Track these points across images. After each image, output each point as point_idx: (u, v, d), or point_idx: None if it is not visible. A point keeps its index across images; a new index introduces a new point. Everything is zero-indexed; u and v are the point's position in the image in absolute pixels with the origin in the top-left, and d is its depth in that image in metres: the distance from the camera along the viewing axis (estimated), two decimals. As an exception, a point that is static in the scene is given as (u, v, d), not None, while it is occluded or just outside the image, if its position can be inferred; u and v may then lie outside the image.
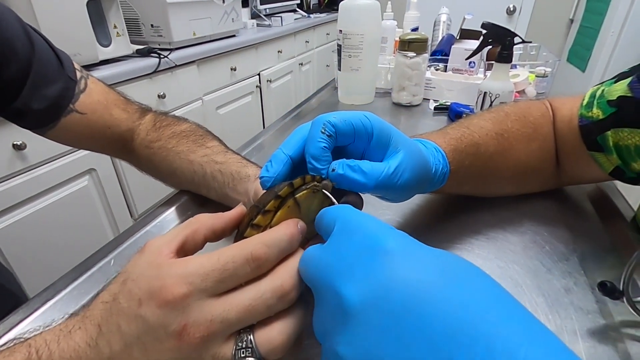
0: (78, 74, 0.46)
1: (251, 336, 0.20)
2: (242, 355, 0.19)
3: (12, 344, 0.21)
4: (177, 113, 1.25)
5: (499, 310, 0.15)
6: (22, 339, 0.21)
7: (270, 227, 0.23)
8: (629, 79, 0.38)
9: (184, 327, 0.19)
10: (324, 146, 0.25)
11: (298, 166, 0.27)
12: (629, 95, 0.37)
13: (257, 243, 0.21)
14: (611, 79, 0.41)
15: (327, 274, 0.19)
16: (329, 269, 0.19)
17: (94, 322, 0.20)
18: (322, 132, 0.25)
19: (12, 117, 0.43)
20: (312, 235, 0.25)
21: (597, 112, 0.39)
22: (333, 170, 0.25)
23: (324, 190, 0.25)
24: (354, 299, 0.17)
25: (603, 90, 0.40)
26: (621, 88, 0.38)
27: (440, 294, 0.15)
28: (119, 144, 0.50)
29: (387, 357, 0.15)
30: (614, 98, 0.38)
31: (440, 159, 0.36)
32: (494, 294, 0.16)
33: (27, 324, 0.32)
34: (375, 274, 0.17)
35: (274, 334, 0.20)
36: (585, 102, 0.41)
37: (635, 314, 0.29)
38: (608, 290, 0.29)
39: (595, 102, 0.40)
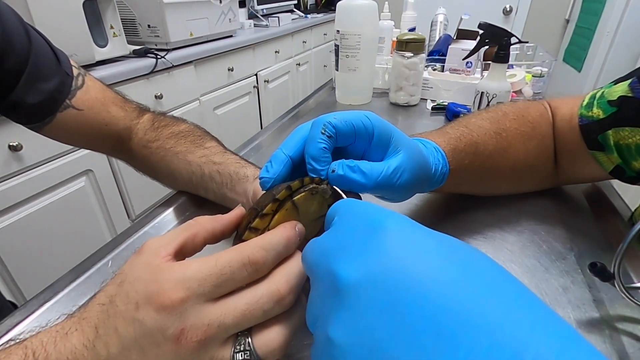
0: (75, 71, 0.46)
1: (249, 339, 0.20)
2: (241, 358, 0.20)
3: (7, 346, 0.21)
4: (175, 113, 1.24)
5: (506, 294, 0.14)
6: (18, 340, 0.21)
7: (269, 230, 0.23)
8: (629, 80, 0.38)
9: (182, 331, 0.19)
10: (324, 147, 0.25)
11: (298, 166, 0.27)
12: (630, 95, 0.37)
13: (255, 247, 0.21)
14: (610, 83, 0.41)
15: (322, 256, 0.18)
16: (325, 251, 0.18)
17: (90, 324, 0.20)
18: (322, 133, 0.25)
19: (7, 111, 0.43)
20: (312, 237, 0.25)
21: (597, 112, 0.40)
22: (333, 171, 0.25)
23: (334, 186, 0.25)
24: (348, 276, 0.16)
25: (603, 92, 0.41)
26: (622, 89, 0.38)
27: (444, 272, 0.14)
28: (116, 142, 0.49)
29: (385, 338, 0.14)
30: (615, 98, 0.38)
31: (440, 158, 0.36)
32: (500, 277, 0.15)
33: (25, 326, 0.32)
34: (372, 250, 0.16)
35: (272, 336, 0.20)
36: (585, 103, 0.42)
37: (625, 296, 0.29)
38: (598, 270, 0.29)
39: (595, 103, 0.40)
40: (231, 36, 1.74)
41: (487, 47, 0.78)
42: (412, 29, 1.11)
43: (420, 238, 0.16)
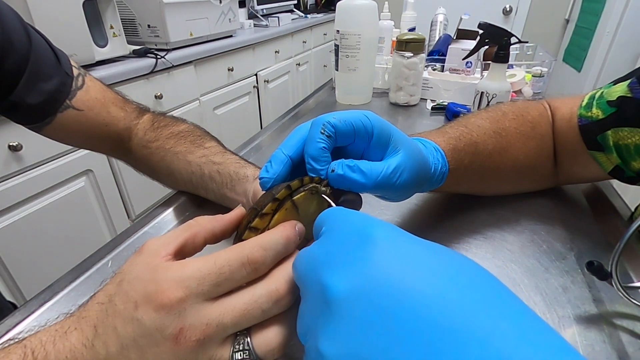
0: (75, 71, 0.46)
1: (248, 338, 0.20)
2: (240, 358, 0.20)
3: (7, 345, 0.21)
4: (174, 114, 1.25)
5: (495, 305, 0.14)
6: (17, 339, 0.21)
7: (269, 230, 0.23)
8: (628, 81, 0.38)
9: (180, 330, 0.19)
10: (323, 147, 0.25)
11: (298, 166, 0.27)
12: (629, 95, 0.37)
13: (254, 246, 0.21)
14: (609, 83, 0.41)
15: (311, 266, 0.18)
16: (313, 262, 0.18)
17: (89, 323, 0.20)
18: (322, 133, 0.25)
19: (7, 111, 0.43)
20: (311, 237, 0.25)
21: (596, 112, 0.40)
22: (332, 170, 0.25)
23: (322, 195, 0.25)
24: (338, 289, 0.16)
25: (602, 92, 0.41)
26: (621, 89, 0.38)
27: (432, 284, 0.14)
28: (115, 143, 0.49)
29: (374, 352, 0.14)
30: (614, 98, 0.38)
31: (440, 158, 0.36)
32: (490, 287, 0.15)
33: (25, 326, 0.32)
34: (361, 262, 0.16)
35: (271, 336, 0.20)
36: (584, 103, 0.42)
37: (622, 295, 0.29)
38: (595, 269, 0.29)
39: (594, 103, 0.41)
40: (231, 36, 1.74)
41: (487, 47, 0.78)
42: (412, 29, 1.11)
43: (408, 248, 0.16)
